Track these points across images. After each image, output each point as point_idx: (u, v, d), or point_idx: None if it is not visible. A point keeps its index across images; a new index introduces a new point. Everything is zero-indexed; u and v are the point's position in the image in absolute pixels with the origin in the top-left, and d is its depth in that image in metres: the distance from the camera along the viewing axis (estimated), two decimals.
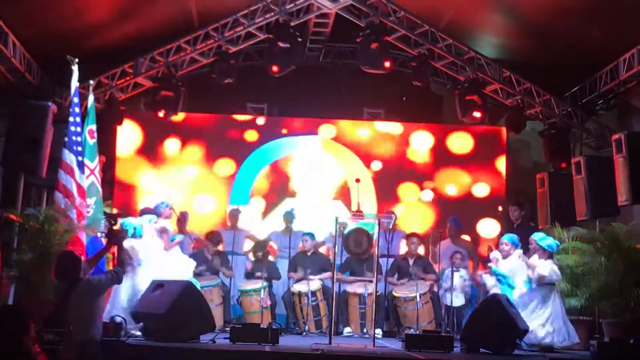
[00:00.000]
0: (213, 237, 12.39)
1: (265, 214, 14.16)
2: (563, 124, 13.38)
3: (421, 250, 12.77)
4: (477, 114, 12.83)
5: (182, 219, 12.25)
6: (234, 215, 13.19)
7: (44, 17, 11.01)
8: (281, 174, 14.30)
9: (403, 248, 12.83)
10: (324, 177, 14.32)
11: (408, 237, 12.61)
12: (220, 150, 14.27)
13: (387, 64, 12.35)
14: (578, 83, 13.25)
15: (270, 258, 12.48)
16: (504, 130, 14.13)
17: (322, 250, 12.90)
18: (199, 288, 10.43)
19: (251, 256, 12.83)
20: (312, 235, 12.47)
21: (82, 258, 7.78)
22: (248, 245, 13.20)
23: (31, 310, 8.26)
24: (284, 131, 14.38)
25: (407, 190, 14.29)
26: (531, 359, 9.26)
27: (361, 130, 14.48)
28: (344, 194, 14.12)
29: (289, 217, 13.06)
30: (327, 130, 14.41)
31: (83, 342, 7.08)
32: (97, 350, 7.27)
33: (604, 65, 12.26)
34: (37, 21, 11.05)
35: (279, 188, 14.25)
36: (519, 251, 10.78)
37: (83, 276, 7.45)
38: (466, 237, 13.41)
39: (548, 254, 10.26)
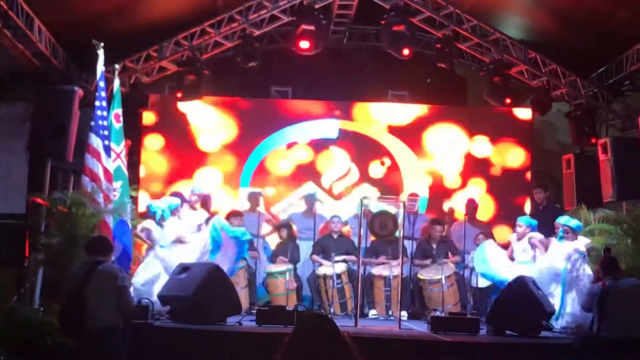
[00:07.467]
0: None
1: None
2: (589, 105, 13.27)
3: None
4: (507, 100, 12.81)
5: (205, 201, 12.30)
6: (255, 197, 13.16)
7: (69, 2, 11.04)
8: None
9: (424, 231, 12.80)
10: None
11: (431, 223, 12.56)
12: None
13: (405, 52, 12.23)
14: (604, 64, 13.12)
15: None
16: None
17: (344, 230, 12.79)
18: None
19: (277, 236, 12.82)
20: (340, 218, 12.48)
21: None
22: (266, 228, 13.15)
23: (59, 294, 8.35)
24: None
25: None
26: (557, 340, 9.26)
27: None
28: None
29: (311, 199, 13.07)
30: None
31: (105, 328, 7.11)
32: (119, 336, 7.26)
33: (631, 46, 12.13)
34: (62, 6, 11.08)
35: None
36: (534, 233, 10.81)
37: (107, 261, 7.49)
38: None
39: (576, 234, 10.27)
